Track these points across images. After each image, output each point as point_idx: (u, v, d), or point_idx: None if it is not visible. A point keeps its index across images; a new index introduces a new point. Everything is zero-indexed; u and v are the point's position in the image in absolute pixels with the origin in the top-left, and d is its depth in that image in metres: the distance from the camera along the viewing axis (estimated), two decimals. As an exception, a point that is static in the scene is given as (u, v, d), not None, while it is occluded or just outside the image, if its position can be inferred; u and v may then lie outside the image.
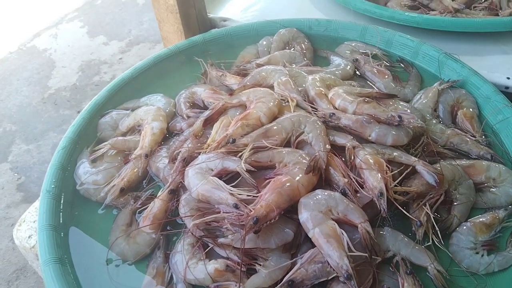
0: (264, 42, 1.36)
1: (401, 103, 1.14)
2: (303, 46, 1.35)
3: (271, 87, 1.15)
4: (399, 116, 1.00)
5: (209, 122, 1.06)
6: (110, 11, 4.02)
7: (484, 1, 1.52)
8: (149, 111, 1.14)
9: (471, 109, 1.15)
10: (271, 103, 1.05)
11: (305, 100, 1.10)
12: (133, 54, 3.49)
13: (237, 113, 1.08)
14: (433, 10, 1.52)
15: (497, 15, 1.47)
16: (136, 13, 3.96)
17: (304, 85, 1.16)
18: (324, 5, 1.65)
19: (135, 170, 1.05)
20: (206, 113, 1.08)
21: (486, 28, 1.39)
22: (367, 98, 1.07)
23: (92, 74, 3.36)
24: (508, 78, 1.28)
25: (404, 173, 0.94)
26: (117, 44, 3.62)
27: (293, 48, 1.35)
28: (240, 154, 0.96)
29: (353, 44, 1.35)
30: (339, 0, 1.56)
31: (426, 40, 1.43)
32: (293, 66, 1.26)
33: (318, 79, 1.15)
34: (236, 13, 1.65)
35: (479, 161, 1.04)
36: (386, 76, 1.25)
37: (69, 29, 3.84)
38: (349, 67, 1.27)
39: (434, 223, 0.90)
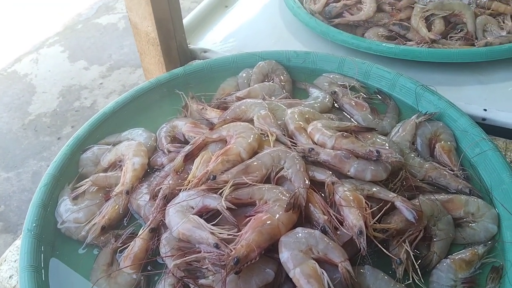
0: (244, 74, 1.37)
1: (380, 136, 1.15)
2: (282, 78, 1.36)
3: (251, 120, 1.16)
4: (377, 151, 1.01)
5: (189, 158, 1.06)
6: (91, 36, 4.02)
7: (460, 31, 1.55)
8: (130, 146, 1.14)
9: (448, 142, 1.17)
10: (251, 138, 1.06)
11: (284, 134, 1.11)
12: (113, 79, 3.49)
13: (218, 148, 1.08)
14: (410, 40, 1.55)
15: (473, 45, 1.50)
16: (117, 37, 3.97)
17: (283, 119, 1.17)
18: (303, 35, 1.67)
19: (116, 208, 1.04)
20: (187, 148, 1.08)
21: (462, 59, 1.42)
22: (346, 133, 1.08)
23: (72, 99, 3.34)
24: (485, 109, 1.30)
25: (383, 210, 0.95)
26: (97, 68, 3.62)
27: (272, 80, 1.36)
28: (220, 191, 0.96)
29: (331, 76, 1.37)
30: (317, 30, 1.58)
31: (404, 70, 1.46)
32: (273, 99, 1.27)
33: (297, 112, 1.16)
34: (216, 43, 1.67)
35: (458, 195, 1.05)
36: (364, 109, 1.26)
37: (50, 54, 3.83)
38: (327, 99, 1.28)
39: (414, 260, 0.91)
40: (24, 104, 3.33)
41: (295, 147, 1.07)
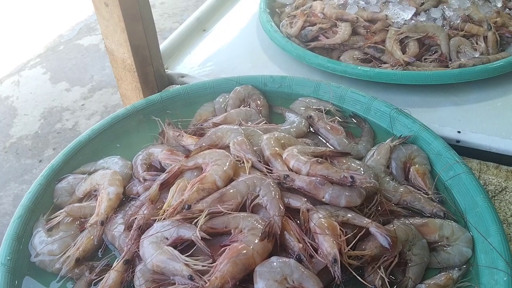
0: (221, 99, 1.37)
1: (355, 161, 1.16)
2: (259, 103, 1.37)
3: (227, 147, 1.16)
4: (352, 177, 1.01)
5: (165, 186, 1.06)
6: (73, 57, 4.01)
7: (434, 53, 1.57)
8: (105, 175, 1.12)
9: (423, 165, 1.18)
10: (227, 166, 1.05)
11: (260, 161, 1.11)
12: (95, 100, 3.47)
13: (194, 176, 1.07)
14: (385, 62, 1.56)
15: (448, 66, 1.52)
16: (99, 58, 3.96)
17: (260, 144, 1.17)
18: (280, 59, 1.68)
19: (90, 239, 1.03)
20: (162, 176, 1.07)
21: (436, 81, 1.44)
22: (320, 159, 1.09)
23: (54, 121, 3.31)
24: (459, 132, 1.31)
25: (358, 236, 0.95)
26: (79, 90, 3.60)
27: (249, 105, 1.36)
28: (195, 220, 0.95)
29: (307, 100, 1.38)
30: (293, 54, 1.59)
31: (380, 93, 1.48)
32: (249, 124, 1.27)
33: (272, 138, 1.16)
34: (194, 67, 1.67)
35: (432, 219, 1.05)
36: (340, 133, 1.27)
37: (32, 75, 3.80)
38: (303, 124, 1.29)
39: (389, 286, 0.91)
40: (5, 126, 3.30)
41: (270, 174, 1.07)
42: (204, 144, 1.15)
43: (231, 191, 1.00)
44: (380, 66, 1.54)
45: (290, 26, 1.71)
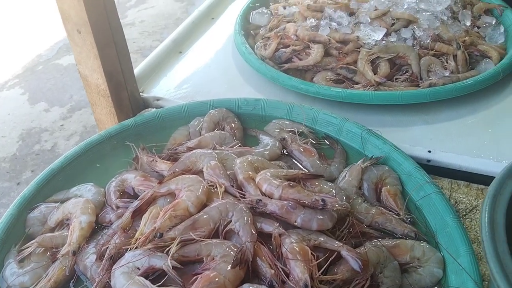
0: (195, 123, 1.38)
1: (327, 183, 1.17)
2: (233, 126, 1.37)
3: (201, 172, 1.16)
4: (323, 200, 1.02)
5: (138, 214, 1.05)
6: (52, 77, 3.99)
7: (405, 73, 1.60)
8: (78, 204, 1.11)
9: (394, 186, 1.19)
10: (199, 191, 1.05)
11: (233, 185, 1.11)
12: (74, 120, 3.45)
13: (167, 202, 1.07)
14: (357, 83, 1.58)
15: (418, 85, 1.54)
16: (78, 78, 3.92)
17: (233, 168, 1.17)
18: (255, 81, 1.69)
19: (62, 269, 1.01)
20: (135, 203, 1.07)
21: (407, 100, 1.46)
22: (293, 182, 1.10)
23: (32, 143, 3.28)
24: (429, 151, 1.33)
25: (330, 260, 0.95)
26: (58, 110, 3.58)
27: (223, 128, 1.37)
28: (167, 249, 0.95)
29: (280, 122, 1.39)
30: (267, 76, 1.60)
31: (353, 113, 1.50)
32: (223, 148, 1.27)
33: (246, 162, 1.17)
34: (170, 90, 1.67)
35: (404, 240, 1.06)
36: (313, 155, 1.28)
37: (10, 96, 3.77)
38: (276, 146, 1.29)
39: (360, 310, 0.91)
40: (-18, 149, 3.26)
41: (243, 199, 1.07)
42: (177, 170, 1.15)
43: (204, 217, 1.00)
44: (353, 87, 1.56)
45: (264, 48, 1.73)
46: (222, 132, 1.33)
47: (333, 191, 1.14)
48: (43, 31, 4.69)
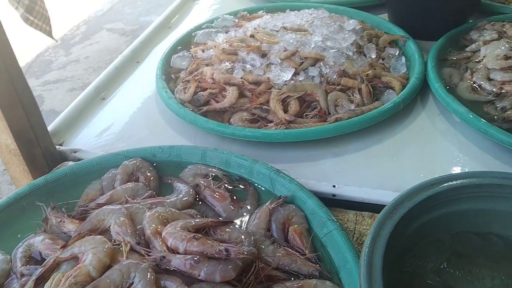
0: (109, 175, 1.32)
1: (237, 228, 1.13)
2: (148, 175, 1.32)
3: (109, 230, 1.10)
4: (226, 250, 0.99)
5: (41, 282, 0.98)
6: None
7: (314, 109, 1.59)
8: (-20, 275, 1.04)
9: (300, 225, 1.17)
10: (102, 254, 1.00)
11: (140, 242, 1.06)
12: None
13: (72, 266, 1.01)
14: (271, 121, 1.57)
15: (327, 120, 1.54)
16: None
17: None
18: (176, 124, 1.65)
19: None
20: (38, 271, 1.00)
21: (315, 136, 1.46)
22: (198, 234, 1.05)
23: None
24: (334, 186, 1.32)
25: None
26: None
27: (138, 179, 1.31)
28: (66, 319, 0.89)
29: (195, 168, 1.35)
30: (187, 120, 1.56)
31: (269, 151, 1.48)
32: (136, 200, 1.22)
33: (154, 215, 1.12)
34: (91, 139, 1.60)
35: (307, 280, 1.03)
36: (225, 199, 1.24)
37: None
38: (190, 194, 1.25)
39: None
40: None
41: (149, 255, 1.02)
42: (83, 230, 1.09)
43: (104, 282, 0.94)
44: (267, 126, 1.54)
45: (184, 91, 1.69)
46: (135, 183, 1.28)
47: (242, 236, 1.10)
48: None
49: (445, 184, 1.00)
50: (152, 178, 1.32)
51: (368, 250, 0.83)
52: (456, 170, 1.40)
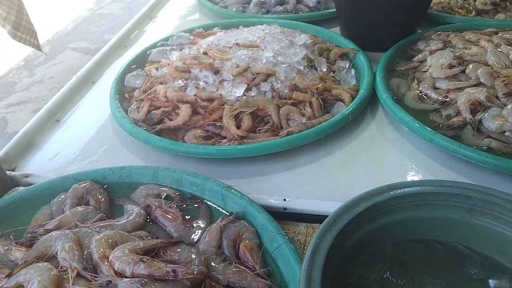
0: (59, 200, 1.29)
1: (187, 248, 1.12)
2: (98, 198, 1.30)
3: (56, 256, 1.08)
4: (174, 271, 0.98)
5: (-16, 314, 0.96)
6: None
7: (267, 123, 1.60)
8: None
9: (251, 240, 1.16)
10: (47, 281, 0.98)
11: (87, 267, 1.04)
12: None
13: (17, 296, 0.99)
14: (225, 137, 1.57)
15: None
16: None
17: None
18: (131, 144, 1.63)
19: None
20: (-18, 303, 0.97)
21: (267, 150, 1.46)
22: (146, 257, 1.04)
23: None
24: (285, 199, 1.33)
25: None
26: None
27: (88, 202, 1.29)
28: None
29: (147, 188, 1.34)
30: (140, 139, 1.55)
31: (223, 166, 1.49)
32: (86, 224, 1.20)
33: (103, 239, 1.10)
34: (43, 163, 1.58)
35: (257, 297, 1.04)
36: (177, 218, 1.24)
37: None
38: (140, 215, 1.24)
39: None
40: None
41: (95, 281, 1.01)
42: (30, 257, 1.07)
43: (49, 310, 0.92)
44: (220, 142, 1.55)
45: (137, 110, 1.68)
46: (85, 207, 1.25)
47: (192, 255, 1.10)
48: None
49: (385, 194, 1.02)
50: (102, 200, 1.30)
51: (307, 265, 0.84)
52: (404, 178, 1.43)
